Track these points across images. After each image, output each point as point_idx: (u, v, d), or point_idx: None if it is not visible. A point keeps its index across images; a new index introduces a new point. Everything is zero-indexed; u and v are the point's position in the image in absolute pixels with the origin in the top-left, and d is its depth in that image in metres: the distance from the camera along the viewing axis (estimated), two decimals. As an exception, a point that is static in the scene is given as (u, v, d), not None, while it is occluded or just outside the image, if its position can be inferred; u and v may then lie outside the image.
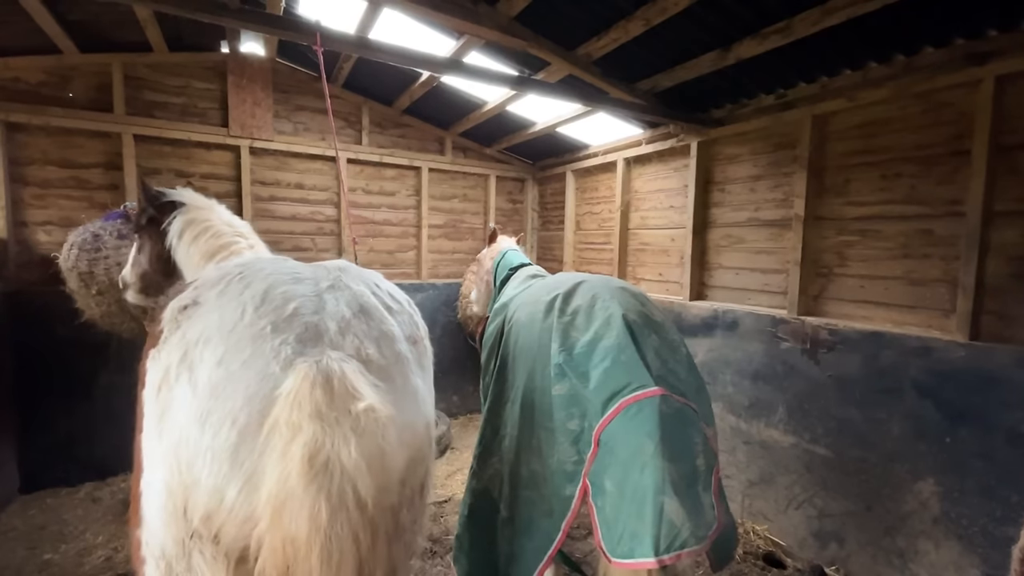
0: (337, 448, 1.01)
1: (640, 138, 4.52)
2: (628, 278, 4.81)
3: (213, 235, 2.28)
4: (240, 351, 1.11)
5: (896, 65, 2.73)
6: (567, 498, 1.60)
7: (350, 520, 1.00)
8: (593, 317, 1.72)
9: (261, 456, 1.03)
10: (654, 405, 1.48)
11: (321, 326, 1.19)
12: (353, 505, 1.01)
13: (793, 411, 3.21)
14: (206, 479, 1.05)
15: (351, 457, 1.02)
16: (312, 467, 0.98)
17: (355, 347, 1.20)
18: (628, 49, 3.13)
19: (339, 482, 1.00)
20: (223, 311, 1.18)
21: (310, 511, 0.96)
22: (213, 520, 1.06)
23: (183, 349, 1.14)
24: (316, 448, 0.99)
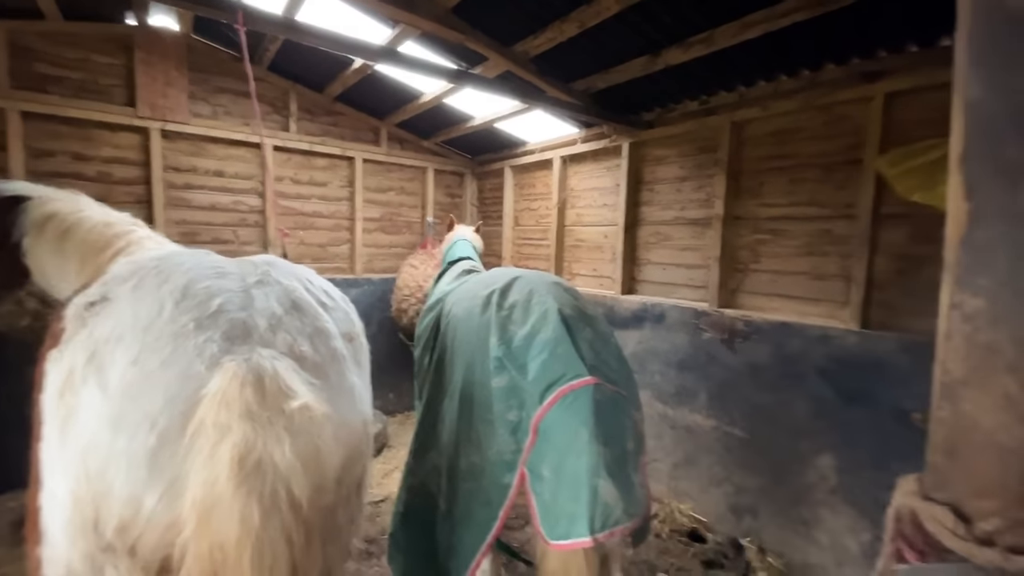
0: (270, 448, 0.98)
1: (576, 137, 4.64)
2: (564, 274, 4.94)
3: (97, 226, 2.03)
4: (159, 350, 1.04)
5: (803, 79, 3.00)
6: (505, 487, 1.63)
7: (284, 522, 0.97)
8: (530, 311, 1.76)
9: (184, 460, 0.97)
10: (588, 393, 1.55)
11: (250, 323, 1.13)
12: (287, 506, 0.98)
13: (713, 397, 3.46)
14: (120, 487, 0.98)
15: (285, 457, 0.99)
16: (242, 469, 0.94)
17: (288, 344, 1.16)
18: (564, 49, 3.20)
19: (272, 483, 0.97)
20: (138, 307, 1.10)
21: (240, 515, 0.93)
22: (129, 531, 0.99)
23: (90, 349, 1.05)
24: (247, 449, 0.95)
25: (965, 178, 0.59)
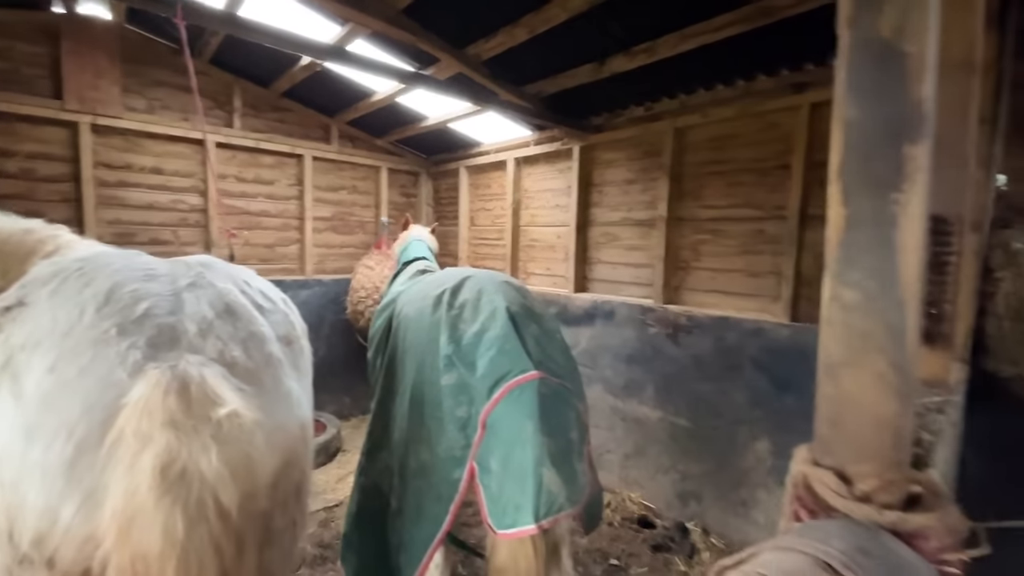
0: (195, 457, 0.97)
1: (529, 139, 4.72)
2: (520, 273, 5.02)
3: (15, 234, 1.89)
4: (77, 357, 1.01)
5: (739, 89, 3.20)
6: (455, 482, 1.67)
7: (212, 531, 0.97)
8: (480, 310, 1.81)
9: (104, 470, 0.95)
10: (534, 387, 1.61)
11: (179, 328, 1.11)
12: (215, 515, 0.97)
13: (660, 389, 3.63)
14: (35, 498, 0.95)
15: (212, 466, 0.98)
16: (165, 479, 0.93)
17: (218, 350, 1.14)
18: (516, 53, 3.27)
19: (198, 492, 0.96)
20: (56, 312, 1.06)
21: (164, 525, 0.92)
22: (46, 543, 0.96)
23: (5, 355, 1.01)
24: (170, 458, 0.95)
25: (842, 187, 0.68)
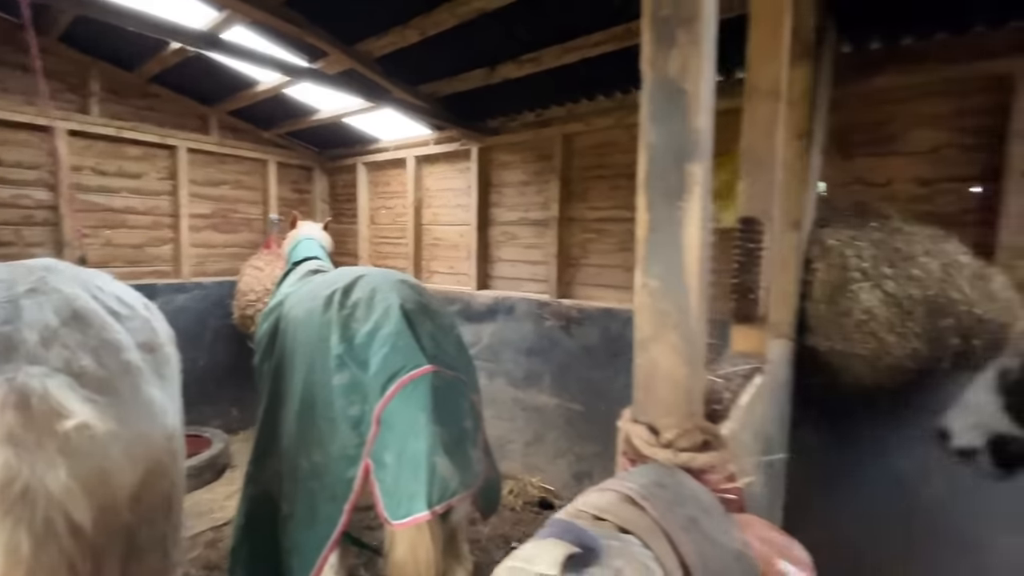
0: (40, 474, 0.92)
1: (429, 138, 4.74)
2: (423, 272, 5.03)
3: None
4: None
5: (616, 100, 3.51)
6: (350, 480, 1.70)
7: (63, 549, 0.93)
8: (373, 308, 1.84)
9: None
10: (427, 381, 1.69)
11: (16, 337, 1.03)
12: (65, 532, 0.94)
13: (556, 378, 3.87)
14: None
15: (60, 482, 0.94)
16: (5, 498, 0.89)
17: (64, 359, 1.07)
18: (410, 53, 3.28)
19: (44, 510, 0.92)
20: None
21: (7, 546, 0.87)
22: None
23: None
24: (9, 476, 0.90)
25: (646, 197, 0.84)
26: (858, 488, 2.57)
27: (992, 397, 1.41)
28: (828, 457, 2.66)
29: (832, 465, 2.67)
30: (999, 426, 1.39)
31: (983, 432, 1.43)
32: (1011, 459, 1.40)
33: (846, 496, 2.64)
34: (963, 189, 2.46)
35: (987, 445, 1.42)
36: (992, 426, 1.41)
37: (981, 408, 1.43)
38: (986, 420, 1.42)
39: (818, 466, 2.63)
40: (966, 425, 1.47)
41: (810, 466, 2.60)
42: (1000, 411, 1.38)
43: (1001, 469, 1.42)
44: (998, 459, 1.42)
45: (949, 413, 1.55)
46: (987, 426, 1.42)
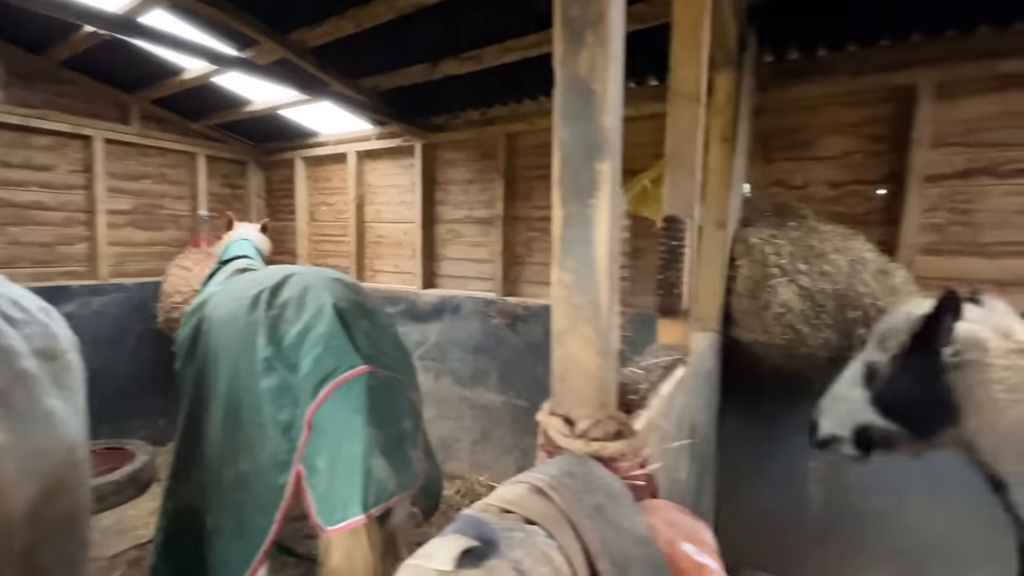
0: None
1: (370, 133, 4.63)
2: (366, 270, 4.91)
3: None
4: None
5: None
6: (280, 488, 1.63)
7: None
8: (304, 308, 1.77)
9: None
10: (362, 382, 1.64)
11: None
12: None
13: (503, 375, 3.89)
14: None
15: None
16: None
17: None
18: (348, 45, 3.19)
19: None
20: None
21: None
22: None
23: None
24: None
25: (561, 194, 0.86)
26: (780, 466, 2.75)
27: (860, 391, 1.54)
28: (753, 440, 2.83)
29: (757, 447, 2.84)
30: (865, 417, 1.53)
31: (850, 423, 1.57)
32: (871, 445, 1.55)
33: (770, 474, 2.82)
34: (869, 191, 2.68)
35: (852, 434, 1.57)
36: (858, 417, 1.54)
37: (849, 400, 1.57)
38: (853, 411, 1.55)
39: (745, 448, 2.80)
40: (835, 416, 1.61)
41: (739, 449, 2.76)
42: (867, 403, 1.52)
43: (861, 453, 1.58)
44: (859, 445, 1.57)
45: (819, 405, 1.69)
46: (854, 417, 1.55)
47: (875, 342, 1.56)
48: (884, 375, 1.49)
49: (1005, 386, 1.26)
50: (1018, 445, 1.25)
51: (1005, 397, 1.25)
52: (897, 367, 1.46)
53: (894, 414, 1.48)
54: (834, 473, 2.60)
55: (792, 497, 2.79)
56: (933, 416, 1.40)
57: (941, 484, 2.40)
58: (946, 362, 1.34)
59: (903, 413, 1.47)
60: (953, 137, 2.47)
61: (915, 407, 1.44)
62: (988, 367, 1.29)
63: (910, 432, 1.47)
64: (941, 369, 1.35)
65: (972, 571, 2.39)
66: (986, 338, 1.31)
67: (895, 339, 1.47)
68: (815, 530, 2.75)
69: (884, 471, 2.36)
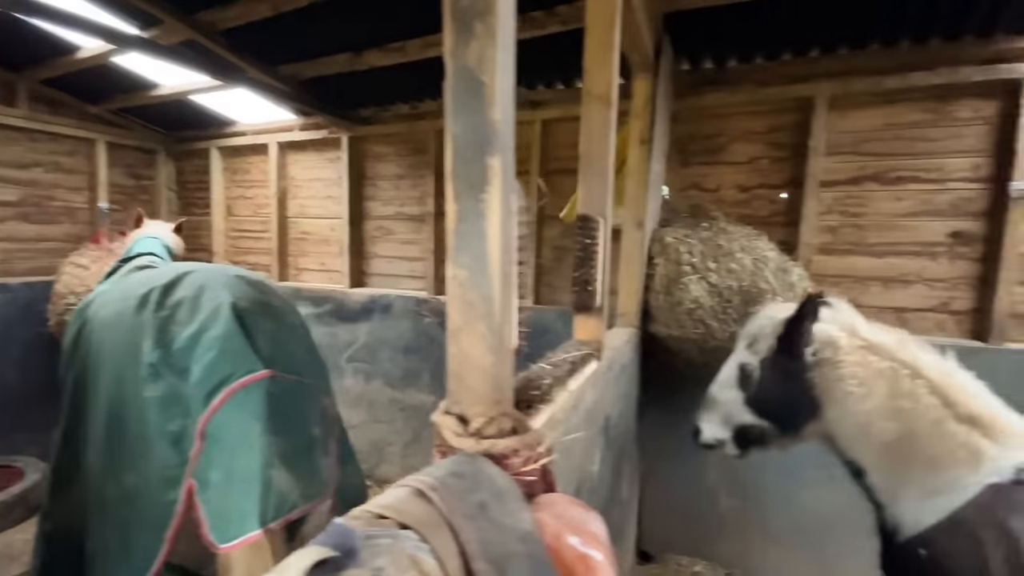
0: None
1: (293, 124, 4.40)
2: (290, 268, 4.67)
3: None
4: None
5: (488, 98, 3.54)
6: (170, 504, 1.50)
7: None
8: (199, 308, 1.64)
9: None
10: (262, 387, 1.54)
11: None
12: None
13: (435, 375, 3.82)
14: None
15: None
16: None
17: None
18: (265, 29, 3.00)
19: None
20: None
21: None
22: None
23: None
24: None
25: (453, 188, 0.84)
26: (697, 455, 2.89)
27: (735, 392, 1.66)
28: (673, 430, 2.95)
29: (677, 437, 2.96)
30: (741, 418, 1.65)
31: (730, 424, 1.69)
32: (750, 443, 1.67)
33: (689, 462, 2.96)
34: (773, 195, 2.88)
35: (732, 435, 1.69)
36: (735, 418, 1.67)
37: (727, 402, 1.69)
38: (731, 413, 1.67)
39: (666, 439, 2.92)
40: (715, 419, 1.73)
41: (660, 439, 2.88)
42: (742, 404, 1.64)
43: (741, 451, 1.71)
44: (740, 445, 1.69)
45: (700, 410, 1.81)
46: (732, 418, 1.68)
47: (745, 345, 1.67)
48: (755, 377, 1.60)
49: (856, 380, 1.38)
50: (870, 433, 1.38)
51: (857, 390, 1.38)
52: (766, 368, 1.58)
53: (766, 413, 1.60)
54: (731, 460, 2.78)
55: (709, 483, 2.95)
56: (799, 412, 1.53)
57: (834, 465, 2.62)
58: (807, 361, 1.47)
59: (773, 411, 1.59)
60: (845, 146, 2.71)
61: (783, 405, 1.56)
62: (841, 363, 1.42)
63: (780, 429, 1.59)
64: (803, 368, 1.47)
65: (865, 543, 2.64)
66: (838, 337, 1.45)
67: (763, 342, 1.59)
68: (730, 513, 2.92)
69: (782, 455, 2.56)
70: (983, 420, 1.23)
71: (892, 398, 1.34)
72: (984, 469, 1.21)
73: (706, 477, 2.94)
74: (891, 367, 1.36)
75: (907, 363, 1.34)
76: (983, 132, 2.48)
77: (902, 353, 1.37)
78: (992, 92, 2.45)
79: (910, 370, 1.33)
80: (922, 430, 1.29)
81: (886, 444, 1.35)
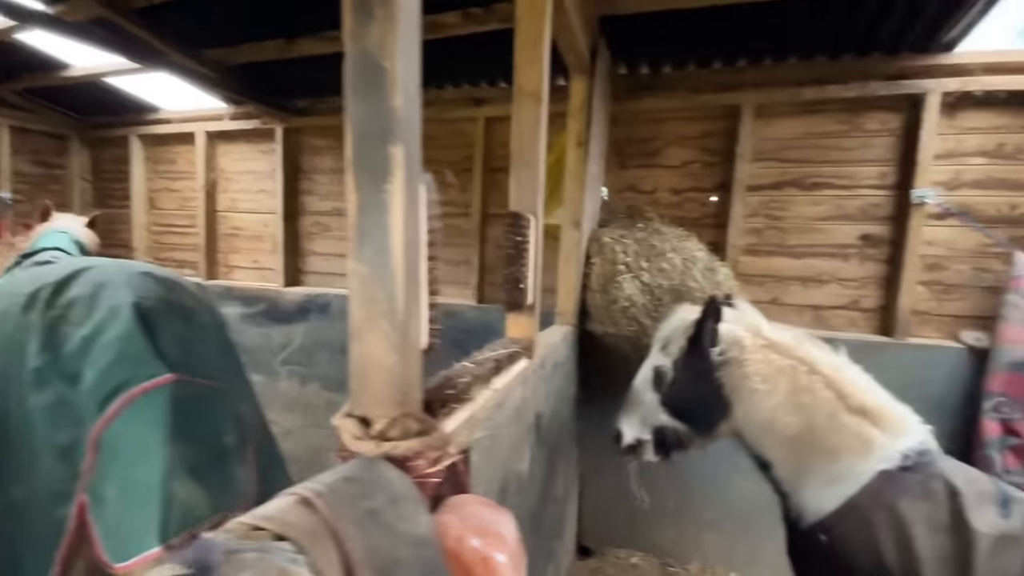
0: None
1: (223, 112, 4.15)
2: (220, 266, 4.40)
3: None
4: None
5: (430, 94, 3.49)
6: (59, 522, 1.35)
7: None
8: (95, 308, 1.49)
9: None
10: (166, 393, 1.42)
11: None
12: None
13: (374, 377, 3.71)
14: None
15: None
16: None
17: None
18: (186, 9, 2.80)
19: None
20: None
21: None
22: None
23: None
24: None
25: (354, 176, 0.80)
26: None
27: (651, 395, 1.71)
28: (611, 426, 3.02)
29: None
30: (658, 420, 1.70)
31: (648, 427, 1.73)
32: (669, 446, 1.72)
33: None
34: (704, 198, 3.00)
35: (652, 438, 1.74)
36: (652, 420, 1.71)
37: (644, 405, 1.74)
38: (648, 415, 1.72)
39: (604, 434, 2.97)
40: (634, 422, 1.77)
41: (599, 435, 2.92)
42: (658, 406, 1.69)
43: (661, 455, 1.76)
44: (659, 449, 1.74)
45: (620, 414, 1.85)
46: (649, 421, 1.72)
47: (659, 347, 1.73)
48: (669, 378, 1.65)
49: (761, 377, 1.45)
50: (775, 429, 1.46)
51: (762, 387, 1.45)
52: (679, 370, 1.63)
53: (680, 414, 1.65)
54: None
55: (647, 476, 3.03)
56: (711, 411, 1.58)
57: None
58: (715, 361, 1.53)
59: (687, 412, 1.65)
60: (768, 153, 2.85)
61: (696, 405, 1.62)
62: (746, 362, 1.48)
63: (695, 429, 1.65)
64: (712, 368, 1.53)
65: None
66: (743, 336, 1.52)
67: (675, 343, 1.65)
68: (667, 504, 3.01)
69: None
70: (872, 411, 1.32)
71: (793, 393, 1.41)
72: (874, 456, 1.29)
73: (644, 470, 3.02)
74: (791, 364, 1.43)
75: (804, 360, 1.42)
76: (889, 143, 2.69)
77: (799, 350, 1.44)
78: (897, 106, 2.66)
79: (807, 366, 1.41)
80: (819, 423, 1.36)
81: (789, 438, 1.42)
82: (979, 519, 1.15)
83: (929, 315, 2.67)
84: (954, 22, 2.35)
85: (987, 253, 2.57)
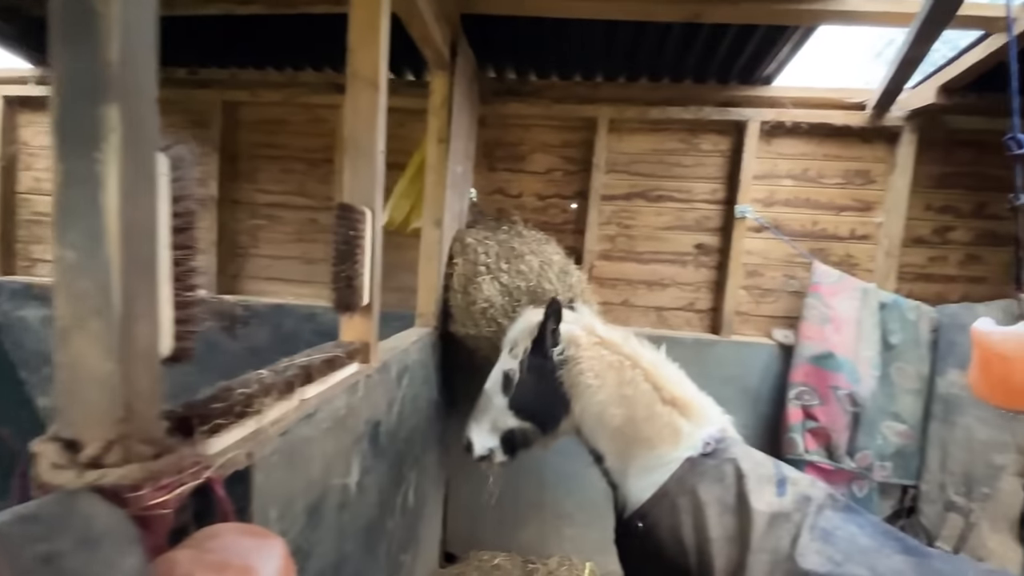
0: None
1: (27, 75, 3.43)
2: (18, 258, 3.63)
3: None
4: None
5: (287, 75, 3.20)
6: None
7: None
8: None
9: None
10: None
11: None
12: None
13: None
14: None
15: None
16: None
17: None
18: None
19: None
20: None
21: None
22: None
23: None
24: None
25: (58, 143, 0.65)
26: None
27: (500, 398, 1.75)
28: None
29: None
30: (506, 423, 1.74)
31: (497, 432, 1.76)
32: (515, 447, 1.77)
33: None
34: (565, 205, 3.12)
35: (501, 442, 1.77)
36: (500, 424, 1.75)
37: (493, 409, 1.77)
38: (497, 419, 1.75)
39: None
40: (484, 429, 1.80)
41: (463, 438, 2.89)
42: (506, 409, 1.72)
43: (508, 456, 1.80)
44: (507, 450, 1.78)
45: (470, 420, 1.87)
46: (498, 425, 1.76)
47: (507, 350, 1.75)
48: (516, 380, 1.68)
49: (593, 372, 1.53)
50: (604, 421, 1.53)
51: (594, 382, 1.52)
52: (524, 371, 1.67)
53: (526, 414, 1.69)
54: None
55: (509, 477, 3.04)
56: (554, 409, 1.64)
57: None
58: (555, 360, 1.58)
59: (533, 411, 1.69)
60: (621, 165, 3.05)
61: (541, 404, 1.66)
62: (581, 359, 1.55)
63: (541, 428, 1.69)
64: (553, 367, 1.59)
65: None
66: (579, 335, 1.59)
67: (521, 345, 1.68)
68: (528, 502, 3.06)
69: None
70: (681, 402, 1.43)
71: (619, 386, 1.48)
72: (683, 445, 1.39)
73: (506, 471, 3.03)
74: (619, 359, 1.51)
75: (629, 355, 1.51)
76: (720, 163, 3.02)
77: (626, 347, 1.53)
78: (727, 130, 2.99)
79: (631, 361, 1.50)
80: (639, 414, 1.45)
81: (616, 429, 1.49)
82: (758, 499, 1.29)
83: (749, 315, 3.04)
84: (770, 59, 2.70)
85: (794, 262, 2.99)
